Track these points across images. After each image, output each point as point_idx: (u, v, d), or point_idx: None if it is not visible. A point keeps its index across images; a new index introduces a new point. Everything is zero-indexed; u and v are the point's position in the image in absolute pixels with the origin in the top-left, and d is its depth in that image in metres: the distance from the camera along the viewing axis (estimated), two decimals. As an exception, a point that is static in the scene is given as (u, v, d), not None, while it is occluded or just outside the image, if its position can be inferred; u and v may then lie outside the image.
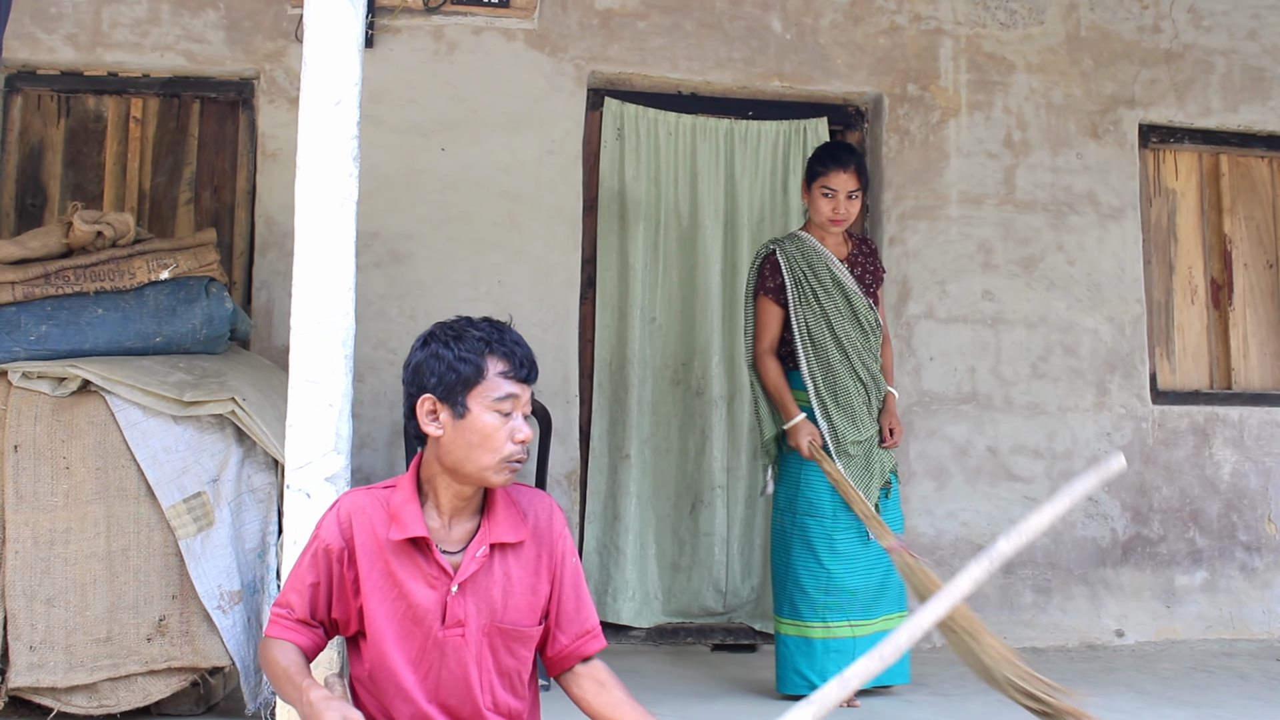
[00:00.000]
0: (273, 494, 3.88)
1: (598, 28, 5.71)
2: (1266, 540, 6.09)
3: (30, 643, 3.66)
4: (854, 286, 4.69)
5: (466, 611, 2.40)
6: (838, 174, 4.63)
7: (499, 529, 2.45)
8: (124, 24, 5.38)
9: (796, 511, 4.59)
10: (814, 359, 4.62)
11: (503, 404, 2.38)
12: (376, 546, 2.41)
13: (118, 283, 4.03)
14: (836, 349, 4.62)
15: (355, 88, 2.82)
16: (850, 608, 4.50)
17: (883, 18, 5.97)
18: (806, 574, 4.52)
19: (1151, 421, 6.03)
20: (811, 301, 4.64)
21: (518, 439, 2.38)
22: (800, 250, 4.71)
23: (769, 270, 4.71)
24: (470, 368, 2.38)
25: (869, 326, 4.69)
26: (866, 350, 4.67)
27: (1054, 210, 5.99)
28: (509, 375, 2.40)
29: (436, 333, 2.45)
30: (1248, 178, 6.45)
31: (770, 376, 4.66)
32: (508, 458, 2.38)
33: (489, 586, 2.43)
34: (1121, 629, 5.86)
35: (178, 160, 5.51)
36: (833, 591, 4.49)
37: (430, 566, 2.40)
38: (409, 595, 2.39)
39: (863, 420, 4.61)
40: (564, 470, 5.50)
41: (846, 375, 4.61)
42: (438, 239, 5.50)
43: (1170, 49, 6.23)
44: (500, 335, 2.43)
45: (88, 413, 3.76)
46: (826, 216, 4.67)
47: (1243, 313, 6.36)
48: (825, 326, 4.63)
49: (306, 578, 2.43)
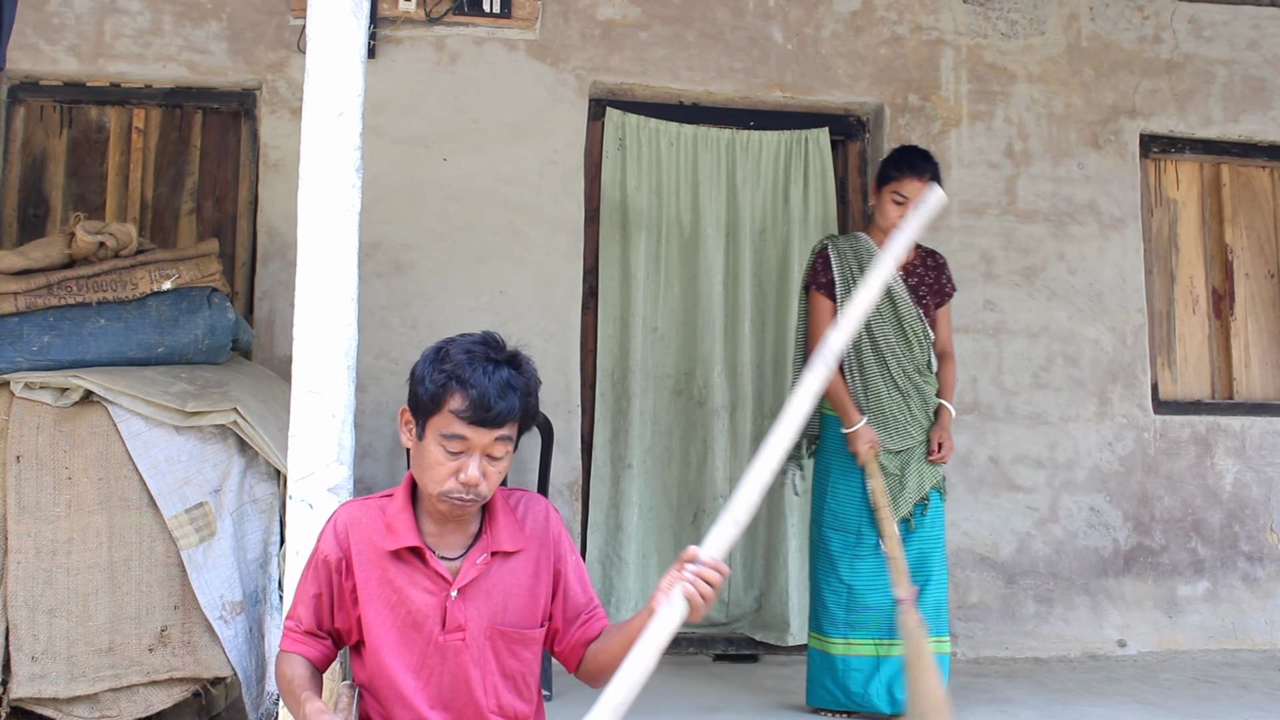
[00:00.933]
0: (275, 504, 3.88)
1: (599, 38, 5.72)
2: (1269, 550, 6.08)
3: (32, 653, 3.66)
4: (902, 293, 4.52)
5: (467, 616, 2.40)
6: (912, 181, 4.41)
7: (500, 537, 2.44)
8: (126, 35, 5.39)
9: (821, 524, 4.50)
10: (855, 365, 4.49)
11: (450, 442, 2.30)
12: (374, 555, 2.41)
13: (120, 293, 4.03)
14: (873, 354, 4.48)
15: (358, 99, 2.83)
16: (875, 627, 4.35)
17: (884, 28, 5.98)
18: (828, 589, 4.44)
19: (1153, 431, 6.03)
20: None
21: (461, 479, 2.30)
22: (854, 249, 4.57)
23: (820, 265, 4.59)
24: (428, 395, 2.32)
25: (914, 336, 4.51)
26: (909, 360, 4.50)
27: (1055, 220, 6.00)
28: (462, 416, 2.28)
29: (439, 345, 2.41)
30: (1249, 188, 6.46)
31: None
32: (446, 493, 2.32)
33: (489, 590, 2.43)
34: (1124, 639, 5.85)
35: (180, 170, 5.52)
36: (855, 609, 4.37)
37: (428, 573, 2.40)
38: (408, 602, 2.39)
39: (901, 430, 4.45)
40: (566, 480, 5.49)
41: (882, 382, 4.47)
42: (439, 249, 5.50)
43: (1171, 59, 6.24)
44: (473, 372, 2.30)
45: (90, 423, 3.76)
46: (893, 222, 4.41)
47: (1244, 322, 6.36)
48: (864, 330, 4.45)
49: (310, 589, 2.44)
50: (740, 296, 5.75)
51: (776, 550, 5.62)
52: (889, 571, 4.22)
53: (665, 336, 5.75)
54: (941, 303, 4.67)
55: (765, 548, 5.69)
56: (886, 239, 4.35)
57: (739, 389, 5.70)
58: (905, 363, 4.49)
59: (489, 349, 2.37)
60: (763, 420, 5.74)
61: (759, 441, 5.62)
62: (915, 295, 4.56)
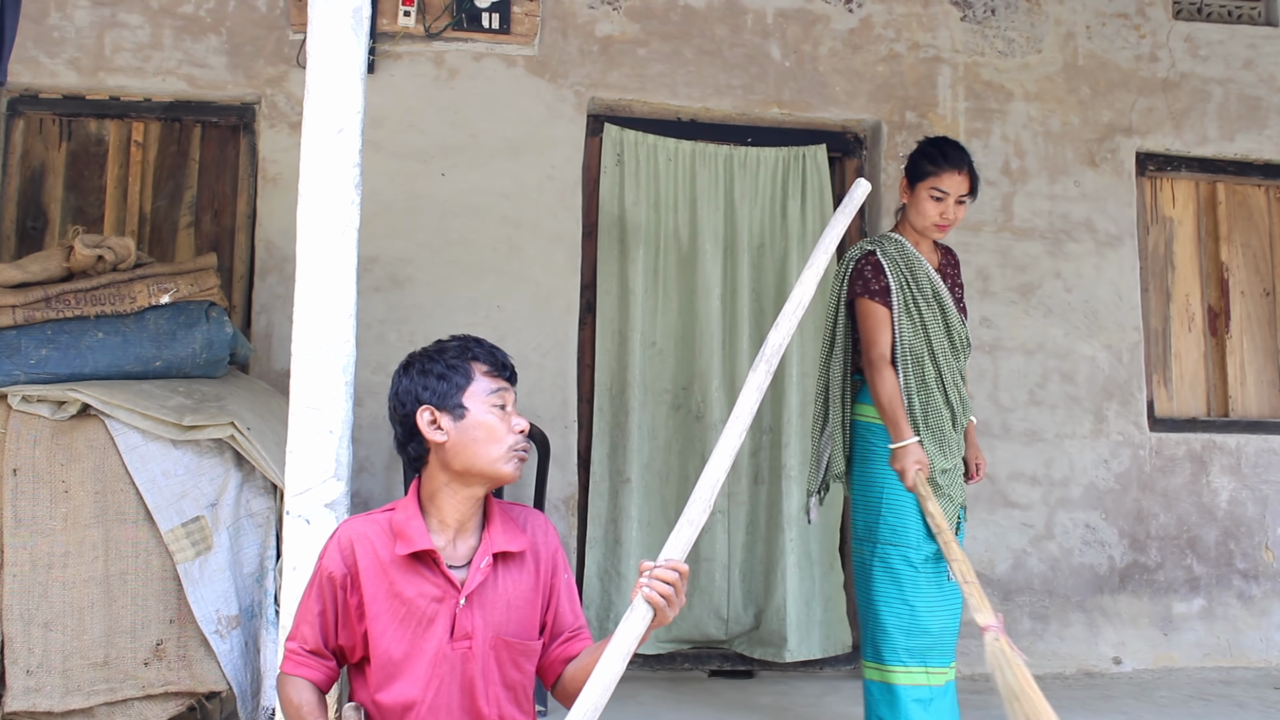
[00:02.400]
0: (271, 518, 3.88)
1: (598, 54, 5.74)
2: (1264, 568, 6.09)
3: (27, 667, 3.65)
4: (949, 299, 4.23)
5: (474, 624, 2.44)
6: (952, 175, 4.12)
7: (500, 539, 2.50)
8: (126, 48, 5.41)
9: (877, 540, 4.09)
10: (913, 377, 4.11)
11: (495, 398, 2.51)
12: (380, 568, 2.44)
13: (118, 307, 4.03)
14: (933, 366, 4.14)
15: (357, 116, 2.84)
16: (929, 652, 4.03)
17: (881, 46, 6.00)
18: (889, 612, 4.04)
19: (1149, 449, 6.04)
20: (913, 311, 4.14)
21: (517, 429, 2.49)
22: (901, 254, 4.21)
23: (871, 271, 4.17)
24: (459, 373, 2.51)
25: (961, 345, 4.24)
26: (958, 371, 4.22)
27: (1052, 238, 6.02)
28: (493, 374, 2.53)
29: (414, 357, 2.60)
30: (1244, 206, 6.48)
31: (887, 386, 4.04)
32: (513, 446, 2.49)
33: (494, 599, 2.47)
34: (1119, 656, 5.85)
35: (178, 184, 5.53)
36: (915, 633, 4.01)
37: (437, 579, 2.44)
38: (416, 613, 2.43)
39: (951, 448, 4.14)
40: (562, 495, 5.50)
41: (940, 397, 4.13)
42: (437, 264, 5.51)
43: (1167, 78, 6.26)
44: (478, 342, 2.57)
45: (87, 436, 3.76)
46: (933, 220, 4.16)
47: (1240, 340, 6.37)
48: (924, 341, 4.14)
49: (313, 607, 2.48)
50: (738, 311, 5.76)
51: (775, 565, 5.60)
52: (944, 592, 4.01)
53: (663, 351, 5.75)
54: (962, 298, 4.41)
55: (764, 563, 5.68)
56: (919, 239, 4.24)
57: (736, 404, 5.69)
58: (955, 375, 4.20)
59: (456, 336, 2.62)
60: (760, 435, 5.75)
61: (756, 457, 5.66)
62: (955, 297, 4.30)
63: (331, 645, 2.49)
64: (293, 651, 2.50)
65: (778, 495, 5.67)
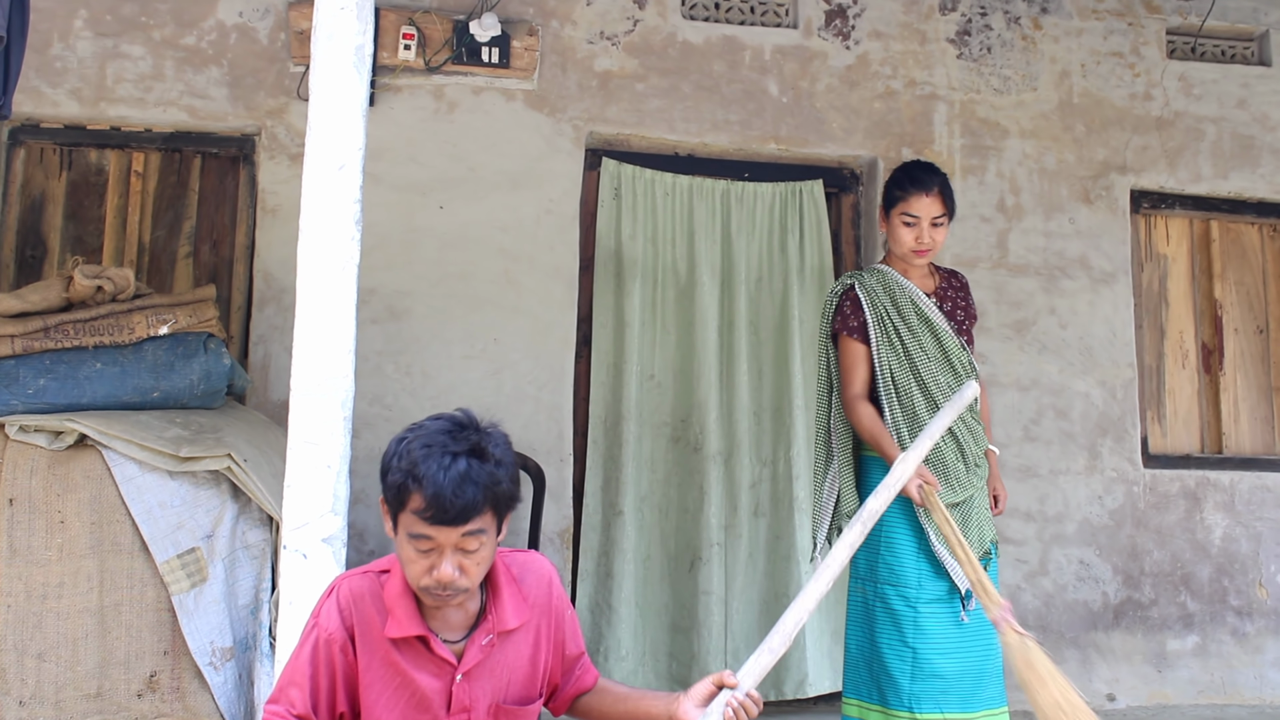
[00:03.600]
0: (267, 550, 3.88)
1: (596, 89, 5.78)
2: (1257, 605, 6.09)
3: (20, 698, 3.64)
4: (944, 324, 4.10)
5: (472, 697, 2.37)
6: (919, 198, 4.04)
7: (505, 616, 2.38)
8: (128, 79, 5.44)
9: (877, 580, 3.96)
10: (899, 408, 4.02)
11: (417, 542, 2.22)
12: (376, 637, 2.33)
13: (116, 337, 4.05)
14: (923, 397, 4.02)
15: (359, 152, 2.86)
16: (943, 697, 3.82)
17: (878, 82, 6.04)
18: (892, 654, 3.88)
19: (1143, 485, 6.05)
20: (895, 342, 4.06)
21: (436, 577, 2.22)
22: (882, 284, 4.13)
23: (849, 307, 4.13)
24: (390, 494, 2.25)
25: (963, 370, 4.08)
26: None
27: (1046, 274, 6.04)
28: (423, 516, 2.19)
29: (404, 434, 2.31)
30: (1238, 243, 6.51)
31: (865, 422, 3.99)
32: (425, 589, 2.26)
33: (494, 670, 2.40)
34: (1113, 693, 5.85)
35: (178, 214, 5.55)
36: (921, 677, 3.83)
37: (433, 658, 2.34)
38: (412, 684, 2.33)
39: (958, 480, 3.97)
40: (557, 529, 5.50)
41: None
42: (435, 296, 5.53)
43: (1161, 116, 6.31)
44: (429, 468, 2.19)
45: (84, 467, 3.77)
46: (909, 247, 4.08)
47: (1233, 377, 6.39)
48: (910, 371, 4.04)
49: (306, 670, 2.32)
50: (735, 343, 5.76)
51: (786, 599, 5.55)
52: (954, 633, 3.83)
53: (662, 384, 5.76)
54: (973, 324, 4.28)
55: (769, 597, 5.63)
56: (907, 267, 4.16)
57: (735, 435, 5.70)
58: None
59: (450, 438, 2.24)
60: (760, 467, 5.73)
61: (755, 489, 5.66)
62: (953, 322, 4.17)
63: (323, 713, 2.32)
64: (275, 715, 2.30)
65: (784, 528, 5.65)
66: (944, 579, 3.86)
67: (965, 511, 3.97)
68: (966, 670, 3.82)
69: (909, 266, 4.17)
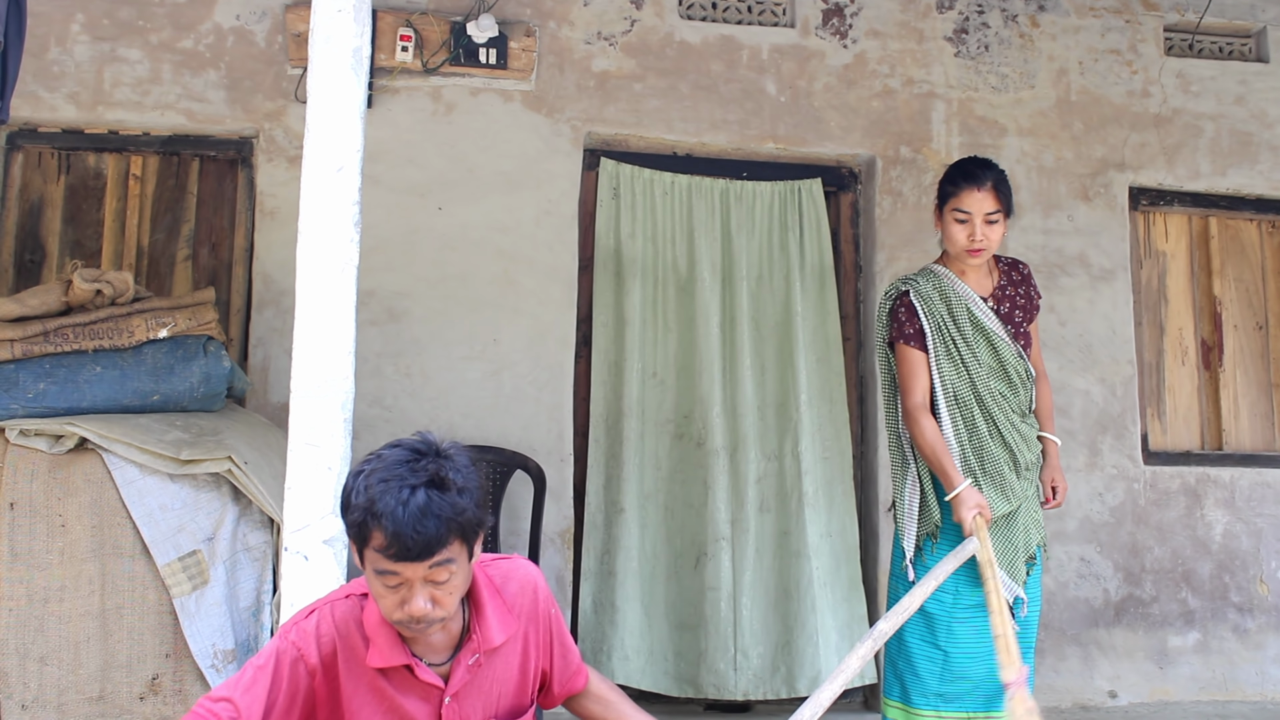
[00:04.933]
0: (268, 552, 3.88)
1: (594, 89, 5.78)
2: (1258, 601, 6.09)
3: (22, 701, 3.65)
4: (1000, 333, 3.99)
5: (463, 716, 2.35)
6: (971, 193, 3.92)
7: (490, 634, 2.34)
8: (125, 83, 5.44)
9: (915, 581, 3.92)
10: (960, 420, 3.94)
11: (384, 578, 2.16)
12: (361, 664, 2.29)
13: (116, 341, 4.04)
14: (980, 408, 3.94)
15: (357, 154, 2.86)
16: (970, 698, 3.85)
17: (876, 81, 6.04)
18: (922, 655, 3.88)
19: (1143, 482, 6.05)
20: (953, 351, 3.97)
21: (408, 612, 2.17)
22: (938, 289, 4.02)
23: (904, 314, 4.01)
24: (352, 532, 2.19)
25: (1019, 380, 4.00)
26: (1015, 408, 3.99)
27: (1045, 272, 6.03)
28: (386, 553, 2.13)
29: (361, 465, 2.22)
30: (1237, 240, 6.51)
31: (926, 436, 3.90)
32: (399, 623, 2.21)
33: (483, 688, 2.38)
34: (1114, 690, 5.85)
35: (176, 217, 5.55)
36: (950, 679, 3.84)
37: (418, 684, 2.31)
38: (401, 710, 2.30)
39: (1011, 490, 3.91)
40: (558, 529, 5.49)
41: (992, 439, 3.94)
42: (434, 297, 5.53)
43: (1159, 113, 6.31)
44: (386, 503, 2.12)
45: (84, 470, 3.77)
46: (962, 246, 3.95)
47: (1233, 374, 6.39)
48: (968, 382, 3.94)
49: (264, 681, 2.24)
50: (738, 339, 5.75)
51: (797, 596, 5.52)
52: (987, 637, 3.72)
53: (664, 381, 5.75)
54: (1032, 318, 4.15)
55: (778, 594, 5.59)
56: (963, 267, 4.04)
57: (739, 430, 5.68)
58: (1009, 409, 3.98)
59: (409, 469, 2.16)
60: (765, 462, 5.70)
61: (761, 484, 5.65)
62: (1010, 325, 4.05)
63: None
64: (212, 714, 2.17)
65: (791, 523, 5.62)
66: (980, 588, 3.78)
67: (1011, 518, 3.92)
68: (994, 671, 3.69)
69: (965, 267, 4.04)
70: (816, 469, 5.64)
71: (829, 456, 5.73)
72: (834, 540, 5.64)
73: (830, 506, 5.66)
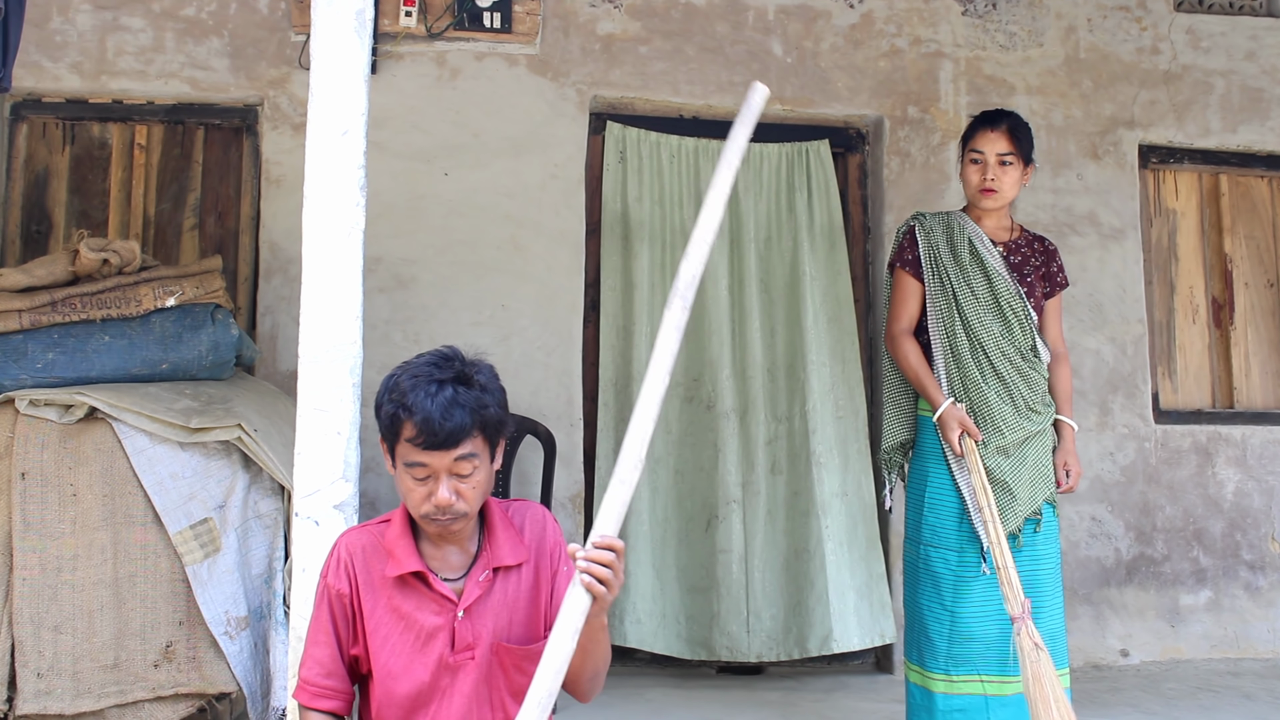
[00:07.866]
0: (279, 520, 3.89)
1: (599, 53, 5.74)
2: (1270, 559, 6.09)
3: (38, 669, 3.66)
4: (999, 268, 4.02)
5: (475, 634, 2.42)
6: (985, 134, 4.03)
7: (500, 552, 2.47)
8: (129, 52, 5.41)
9: (921, 541, 3.98)
10: (949, 351, 4.01)
11: (413, 470, 2.35)
12: (379, 583, 2.44)
13: (124, 310, 4.04)
14: (967, 338, 3.98)
15: (361, 117, 2.84)
16: (982, 661, 3.82)
17: (883, 41, 6.00)
18: (931, 616, 3.90)
19: (1154, 441, 6.04)
20: (946, 282, 4.04)
21: (434, 502, 2.34)
22: (943, 224, 4.12)
23: (907, 242, 4.15)
24: (384, 427, 2.39)
25: (1014, 316, 4.00)
26: (1009, 343, 3.98)
27: (1055, 231, 6.00)
28: (416, 443, 2.32)
29: (393, 372, 2.45)
30: (1247, 197, 6.48)
31: (909, 359, 4.03)
32: (425, 516, 2.37)
33: (495, 608, 2.45)
34: (1126, 649, 5.86)
35: (182, 186, 5.54)
36: (959, 640, 3.83)
37: (433, 596, 2.42)
38: (416, 625, 2.42)
39: (1005, 422, 3.91)
40: (569, 494, 5.50)
41: (978, 371, 3.96)
42: (441, 263, 5.52)
43: (1169, 70, 6.26)
44: (416, 397, 2.33)
45: (95, 440, 3.77)
46: (975, 186, 4.04)
47: (1244, 332, 6.37)
48: (955, 312, 4.01)
49: (325, 625, 2.46)
50: (746, 302, 5.74)
51: (807, 555, 5.52)
52: (996, 596, 3.76)
53: (674, 343, 5.72)
54: (1052, 293, 4.19)
55: (790, 555, 5.59)
56: (981, 213, 4.13)
57: (749, 393, 5.66)
58: (1005, 346, 3.98)
59: (436, 368, 2.38)
60: (775, 424, 5.70)
61: (772, 446, 5.65)
62: (1019, 274, 4.08)
63: (347, 659, 2.46)
64: (306, 682, 2.45)
65: (801, 484, 5.60)
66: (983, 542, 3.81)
67: (1016, 465, 3.92)
68: (1008, 633, 3.72)
69: (983, 213, 4.12)
70: (828, 429, 5.63)
71: (842, 416, 5.71)
72: (849, 499, 5.62)
73: (845, 466, 5.64)
